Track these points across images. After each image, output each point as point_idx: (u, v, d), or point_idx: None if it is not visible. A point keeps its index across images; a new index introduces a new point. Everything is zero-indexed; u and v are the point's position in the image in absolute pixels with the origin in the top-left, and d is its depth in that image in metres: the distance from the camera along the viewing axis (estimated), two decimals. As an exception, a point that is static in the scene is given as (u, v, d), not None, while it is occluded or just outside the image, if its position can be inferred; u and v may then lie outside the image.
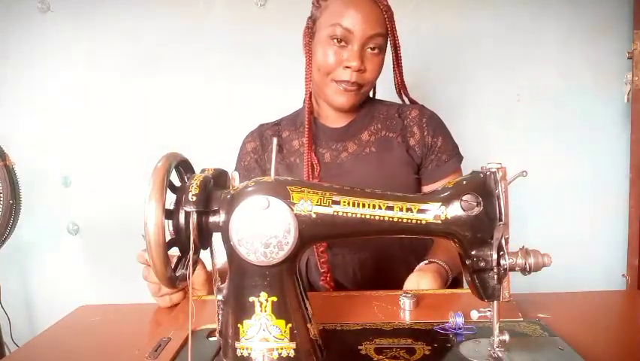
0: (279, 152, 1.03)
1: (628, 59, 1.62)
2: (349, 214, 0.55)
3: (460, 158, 1.05)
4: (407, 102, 1.09)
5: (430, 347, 0.61)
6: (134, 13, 1.70)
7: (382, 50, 0.97)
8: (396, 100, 1.11)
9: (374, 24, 0.93)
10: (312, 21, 1.00)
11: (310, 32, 1.00)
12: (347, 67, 0.93)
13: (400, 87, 1.07)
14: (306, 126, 1.00)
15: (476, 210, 0.54)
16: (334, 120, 1.05)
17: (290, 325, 0.56)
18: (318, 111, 1.06)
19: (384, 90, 1.12)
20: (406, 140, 1.02)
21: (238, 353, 0.56)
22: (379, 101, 1.10)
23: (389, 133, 1.03)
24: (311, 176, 0.98)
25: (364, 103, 1.05)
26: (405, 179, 1.00)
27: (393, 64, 1.04)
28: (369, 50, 0.94)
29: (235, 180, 0.59)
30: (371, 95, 1.09)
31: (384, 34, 0.96)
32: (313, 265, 1.02)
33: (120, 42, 1.71)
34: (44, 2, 1.70)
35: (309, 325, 0.58)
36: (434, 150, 1.03)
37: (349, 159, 1.02)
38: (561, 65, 1.70)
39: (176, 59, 1.71)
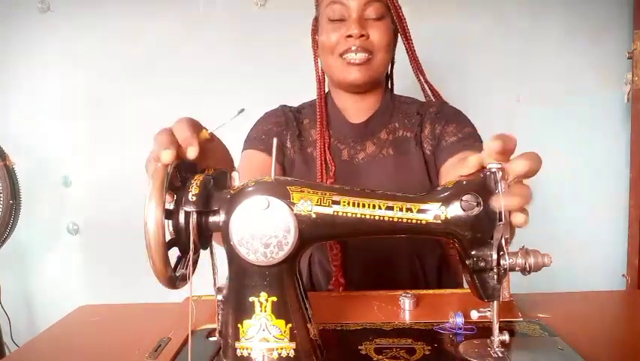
0: (298, 137, 1.02)
1: (628, 59, 1.62)
2: (349, 214, 0.55)
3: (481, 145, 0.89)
4: (422, 81, 1.04)
5: (430, 347, 0.61)
6: (134, 13, 1.71)
7: (385, 18, 0.94)
8: (416, 95, 1.07)
9: None
10: (316, 19, 1.01)
11: (315, 30, 1.01)
12: (349, 36, 0.91)
13: (413, 61, 1.02)
14: (318, 130, 0.97)
15: (476, 210, 0.54)
16: (353, 113, 1.01)
17: (290, 325, 0.56)
18: (335, 104, 1.02)
19: (401, 86, 1.10)
20: (420, 140, 0.99)
21: (238, 353, 0.56)
22: (400, 97, 1.06)
23: (406, 132, 1.00)
24: (325, 177, 0.95)
25: (383, 95, 1.02)
26: (421, 187, 0.95)
27: (401, 37, 1.00)
28: (370, 20, 0.92)
29: (235, 180, 0.59)
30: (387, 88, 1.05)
31: (382, 0, 0.93)
32: (317, 264, 1.00)
33: (120, 42, 1.71)
34: (44, 2, 1.70)
35: (309, 325, 0.58)
36: (444, 135, 0.95)
37: (366, 161, 0.99)
38: (561, 65, 1.70)
39: (176, 59, 1.71)
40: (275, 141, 0.60)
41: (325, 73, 1.00)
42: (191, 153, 0.55)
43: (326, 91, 1.05)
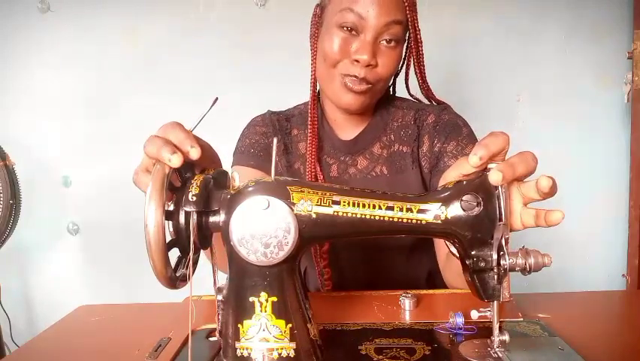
0: (285, 151, 0.97)
1: (628, 59, 1.62)
2: (349, 214, 0.55)
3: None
4: (430, 98, 0.98)
5: (430, 347, 0.61)
6: (134, 13, 1.71)
7: (400, 43, 0.85)
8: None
9: (391, 10, 0.80)
10: (320, 8, 0.89)
11: (318, 22, 0.89)
12: (356, 60, 0.81)
13: (422, 88, 0.95)
14: (309, 136, 0.90)
15: (476, 210, 0.54)
16: (342, 127, 0.95)
17: (290, 325, 0.56)
18: (325, 112, 0.96)
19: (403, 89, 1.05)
20: (418, 157, 0.92)
21: (238, 353, 0.56)
22: (396, 101, 0.98)
23: (402, 147, 0.93)
24: None
25: (378, 103, 0.95)
26: None
27: (414, 61, 0.91)
28: (384, 42, 0.82)
29: (235, 180, 0.59)
30: (390, 91, 0.99)
31: (403, 23, 0.83)
32: (315, 277, 0.97)
33: (120, 42, 1.71)
34: (44, 2, 1.70)
35: (309, 325, 0.58)
36: (443, 155, 0.90)
37: (358, 178, 0.93)
38: (561, 65, 1.70)
39: (176, 59, 1.72)
40: (275, 140, 0.60)
41: (318, 79, 0.91)
42: (195, 153, 0.54)
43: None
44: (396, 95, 1.02)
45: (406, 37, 0.90)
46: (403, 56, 0.93)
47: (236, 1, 1.70)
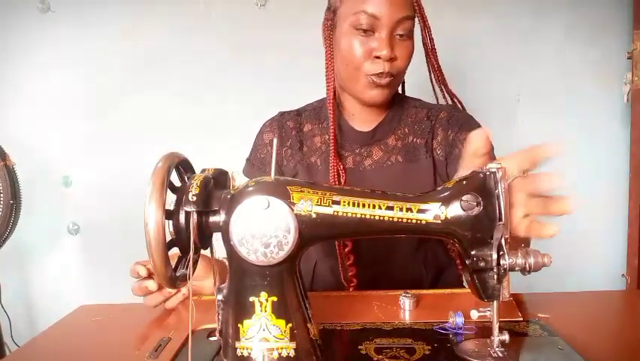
0: (299, 148, 0.99)
1: (628, 59, 1.63)
2: (349, 214, 0.55)
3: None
4: (445, 93, 1.00)
5: (430, 347, 0.61)
6: (134, 13, 1.71)
7: (411, 35, 0.90)
8: (426, 95, 1.03)
9: (401, 7, 0.86)
10: (332, 12, 0.92)
11: (331, 25, 0.92)
12: (377, 57, 0.86)
13: (437, 75, 0.98)
14: (331, 132, 0.92)
15: (476, 210, 0.54)
16: (360, 121, 0.98)
17: (290, 325, 0.56)
18: (343, 107, 0.98)
19: (413, 87, 1.07)
20: (431, 148, 0.96)
21: (238, 352, 0.56)
22: (409, 100, 1.03)
23: (416, 139, 0.97)
24: (337, 183, 0.91)
25: (393, 101, 0.98)
26: None
27: (426, 49, 0.96)
28: (397, 36, 0.87)
29: (235, 180, 0.59)
30: (399, 90, 1.02)
31: (412, 17, 0.89)
32: (325, 272, 0.99)
33: (120, 42, 1.71)
34: (44, 2, 1.70)
35: (309, 325, 0.58)
36: (457, 143, 0.93)
37: (373, 167, 0.96)
38: (561, 65, 1.70)
39: (176, 59, 1.71)
40: (275, 141, 0.60)
41: (338, 79, 0.94)
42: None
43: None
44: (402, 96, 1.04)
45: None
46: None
47: (236, 1, 1.69)
